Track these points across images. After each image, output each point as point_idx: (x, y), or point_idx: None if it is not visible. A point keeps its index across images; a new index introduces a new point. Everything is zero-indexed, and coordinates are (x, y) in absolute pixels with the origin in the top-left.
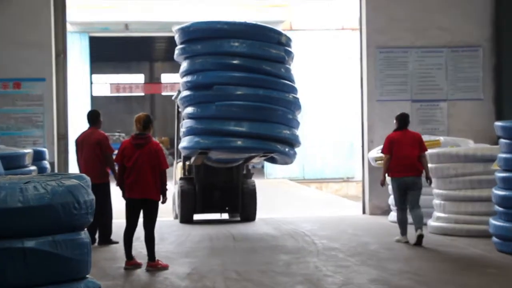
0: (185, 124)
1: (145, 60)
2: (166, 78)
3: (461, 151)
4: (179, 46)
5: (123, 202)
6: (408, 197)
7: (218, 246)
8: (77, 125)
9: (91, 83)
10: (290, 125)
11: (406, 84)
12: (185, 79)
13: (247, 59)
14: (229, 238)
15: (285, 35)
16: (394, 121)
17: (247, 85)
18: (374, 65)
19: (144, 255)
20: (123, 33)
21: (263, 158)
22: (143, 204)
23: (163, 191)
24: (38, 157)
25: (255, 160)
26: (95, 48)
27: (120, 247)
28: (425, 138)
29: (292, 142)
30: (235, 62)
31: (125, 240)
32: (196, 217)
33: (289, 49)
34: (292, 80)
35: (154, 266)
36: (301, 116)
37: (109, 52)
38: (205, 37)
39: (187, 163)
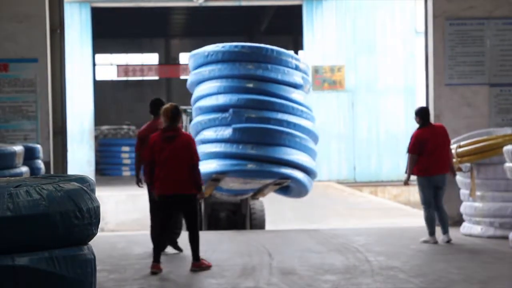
0: (199, 150)
1: (159, 36)
2: (185, 58)
3: None
4: (193, 72)
5: (130, 211)
6: (437, 194)
7: (250, 264)
8: (78, 116)
9: (94, 64)
10: (307, 153)
11: (483, 65)
12: (199, 103)
13: (264, 83)
14: (264, 254)
15: (303, 62)
16: (415, 116)
17: (265, 109)
18: (443, 40)
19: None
20: (133, 3)
21: (277, 187)
22: (178, 202)
23: (197, 185)
24: (30, 155)
25: (266, 191)
26: (99, 22)
27: (131, 266)
28: (506, 131)
29: (308, 171)
30: (251, 86)
31: (155, 241)
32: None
33: (306, 76)
34: (309, 109)
35: (198, 266)
36: (351, 105)
37: (115, 26)
38: (221, 61)
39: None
